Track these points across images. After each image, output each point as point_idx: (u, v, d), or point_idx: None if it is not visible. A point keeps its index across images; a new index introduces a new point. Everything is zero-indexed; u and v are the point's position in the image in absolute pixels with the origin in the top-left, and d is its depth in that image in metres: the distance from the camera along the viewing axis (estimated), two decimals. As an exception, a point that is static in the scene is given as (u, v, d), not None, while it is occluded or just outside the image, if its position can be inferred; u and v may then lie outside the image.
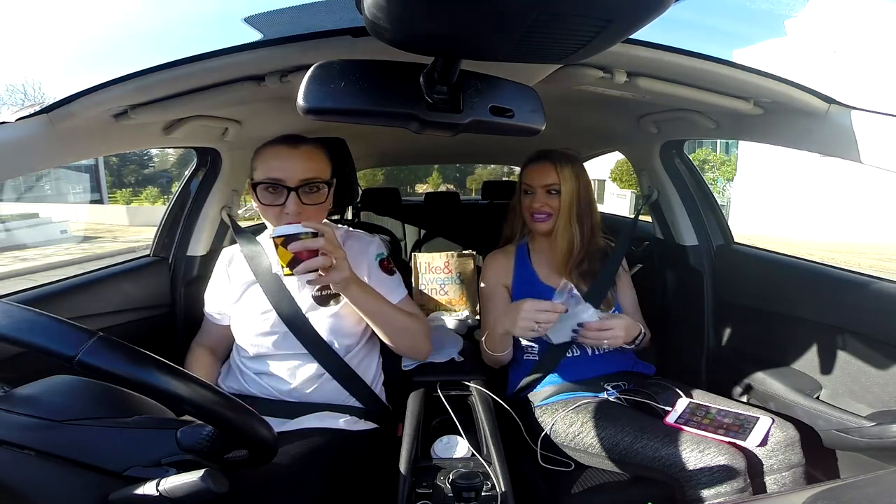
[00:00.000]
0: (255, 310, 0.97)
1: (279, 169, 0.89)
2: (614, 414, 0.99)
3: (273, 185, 0.89)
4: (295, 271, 0.81)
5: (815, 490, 0.44)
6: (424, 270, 1.75)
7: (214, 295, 1.06)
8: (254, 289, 0.99)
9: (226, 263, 1.06)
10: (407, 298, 1.04)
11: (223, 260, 1.07)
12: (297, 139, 0.93)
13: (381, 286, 0.98)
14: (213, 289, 1.07)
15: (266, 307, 0.96)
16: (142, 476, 0.48)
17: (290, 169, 0.89)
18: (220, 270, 1.06)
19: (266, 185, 0.89)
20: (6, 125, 0.72)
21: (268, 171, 0.89)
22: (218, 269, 1.07)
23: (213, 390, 0.50)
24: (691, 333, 1.38)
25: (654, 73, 0.81)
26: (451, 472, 0.79)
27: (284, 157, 0.90)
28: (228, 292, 1.03)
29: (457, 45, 0.45)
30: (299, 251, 0.80)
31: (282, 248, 0.80)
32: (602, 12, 0.38)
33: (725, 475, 0.82)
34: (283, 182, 0.88)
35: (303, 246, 0.79)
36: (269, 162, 0.90)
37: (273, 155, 0.91)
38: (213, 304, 1.06)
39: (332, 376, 0.96)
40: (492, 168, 13.10)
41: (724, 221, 1.42)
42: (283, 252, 0.80)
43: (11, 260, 9.79)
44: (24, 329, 0.44)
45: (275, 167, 0.89)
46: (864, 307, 0.99)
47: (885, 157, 0.76)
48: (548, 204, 1.14)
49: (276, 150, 0.91)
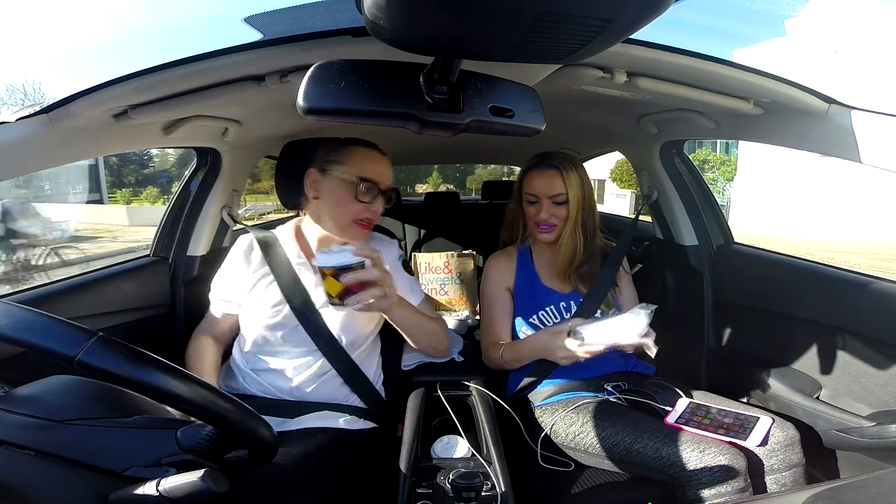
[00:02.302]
0: (266, 301, 0.97)
1: (375, 171, 0.93)
2: (614, 414, 0.99)
3: (369, 185, 0.92)
4: (346, 303, 0.76)
5: (815, 490, 0.44)
6: (424, 270, 1.75)
7: (227, 281, 1.03)
8: (267, 280, 0.99)
9: (245, 251, 1.03)
10: (426, 302, 1.07)
11: (241, 247, 1.04)
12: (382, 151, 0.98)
13: (403, 287, 1.00)
14: (227, 275, 1.04)
15: (278, 299, 0.96)
16: (142, 476, 0.48)
17: (383, 174, 0.95)
18: (238, 257, 1.03)
19: (364, 183, 0.92)
20: (6, 125, 0.72)
21: (363, 171, 0.92)
22: (235, 256, 1.04)
23: (212, 390, 0.50)
24: (691, 333, 1.38)
25: (654, 73, 0.81)
26: (451, 472, 0.79)
27: (379, 162, 0.95)
28: (243, 280, 1.01)
29: (457, 45, 0.45)
30: (352, 283, 0.75)
31: (331, 279, 0.75)
32: (602, 12, 0.38)
33: (726, 475, 0.82)
34: (379, 184, 0.94)
35: (356, 278, 0.76)
36: (364, 163, 0.93)
37: (369, 157, 0.95)
38: (224, 291, 1.03)
39: (336, 373, 0.97)
40: (492, 168, 13.08)
41: (724, 221, 1.42)
42: (333, 283, 0.75)
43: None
44: (24, 329, 0.44)
45: (370, 169, 0.93)
46: (864, 307, 0.99)
47: (885, 157, 0.76)
48: (555, 215, 1.12)
49: (370, 153, 0.95)
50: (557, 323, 1.14)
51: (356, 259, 0.75)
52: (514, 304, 1.19)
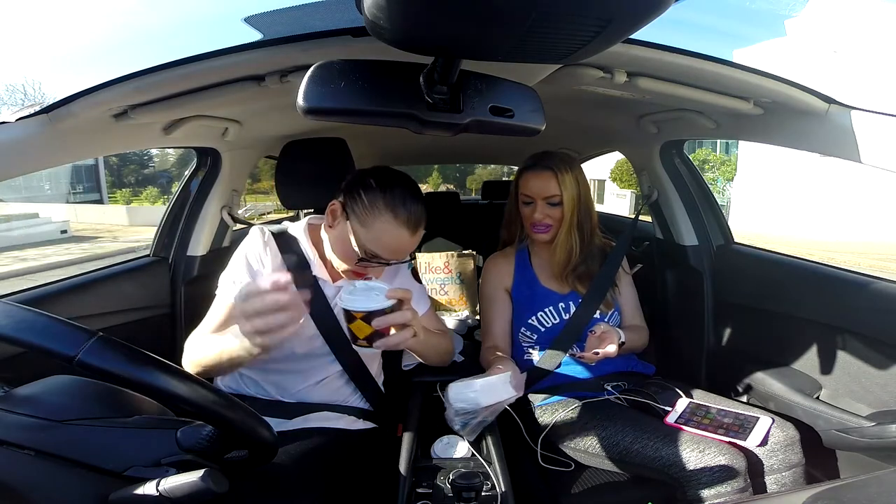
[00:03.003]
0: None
1: (390, 251, 0.82)
2: (614, 414, 0.99)
3: (375, 256, 0.82)
4: (375, 346, 0.71)
5: (815, 490, 0.44)
6: (424, 270, 1.75)
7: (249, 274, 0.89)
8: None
9: (261, 245, 0.91)
10: (431, 310, 1.04)
11: (257, 241, 0.92)
12: (419, 221, 0.83)
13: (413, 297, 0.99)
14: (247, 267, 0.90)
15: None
16: (142, 476, 0.48)
17: (396, 253, 0.83)
18: (255, 251, 0.91)
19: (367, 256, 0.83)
20: (6, 125, 0.72)
21: (377, 247, 0.81)
22: (252, 250, 0.91)
23: (213, 390, 0.50)
24: (691, 333, 1.38)
25: (654, 73, 0.81)
26: (451, 472, 0.79)
27: (400, 240, 0.82)
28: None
29: (457, 45, 0.45)
30: (384, 328, 0.71)
31: (361, 322, 0.69)
32: (602, 12, 0.38)
33: (725, 475, 0.82)
34: (388, 260, 0.84)
35: (388, 322, 0.71)
36: (384, 240, 0.81)
37: (393, 235, 0.81)
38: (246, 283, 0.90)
39: (342, 373, 0.96)
40: (492, 168, 13.08)
41: (724, 221, 1.42)
42: (362, 326, 0.70)
43: (11, 260, 9.80)
44: (24, 329, 0.44)
45: (387, 247, 0.82)
46: (864, 307, 0.99)
47: (885, 157, 0.76)
48: (549, 216, 1.12)
49: (398, 229, 0.81)
50: (557, 324, 1.14)
51: (388, 303, 0.70)
52: (513, 305, 1.19)
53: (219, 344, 0.74)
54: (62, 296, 1.04)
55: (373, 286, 0.72)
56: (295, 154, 1.10)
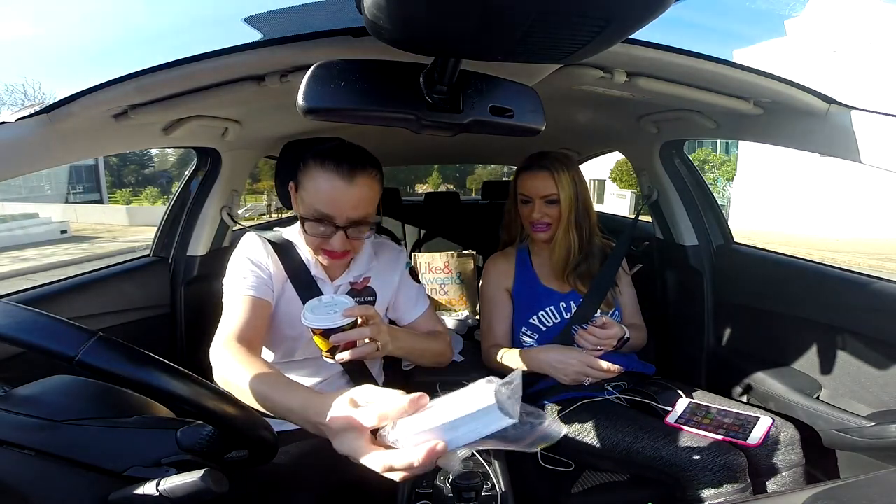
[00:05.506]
0: (291, 310, 0.90)
1: (330, 204, 0.80)
2: (614, 414, 0.99)
3: (320, 219, 0.81)
4: (336, 359, 0.76)
5: (815, 490, 0.44)
6: (425, 270, 1.75)
7: (256, 272, 0.87)
8: (287, 287, 0.91)
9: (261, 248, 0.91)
10: (429, 310, 1.03)
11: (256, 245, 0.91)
12: (353, 169, 0.80)
13: (409, 297, 0.99)
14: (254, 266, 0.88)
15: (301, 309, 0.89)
16: (142, 476, 0.48)
17: (341, 206, 0.80)
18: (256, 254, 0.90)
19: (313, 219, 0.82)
20: (6, 125, 0.72)
21: (316, 202, 0.80)
22: (253, 252, 0.90)
23: (213, 390, 0.50)
24: (691, 333, 1.38)
25: (654, 73, 0.81)
26: (451, 472, 0.79)
27: (338, 192, 0.79)
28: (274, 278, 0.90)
29: (457, 45, 0.45)
30: (341, 342, 0.73)
31: (320, 338, 0.74)
32: (602, 12, 0.38)
33: (726, 475, 0.83)
34: (333, 220, 0.81)
35: (346, 338, 0.73)
36: (320, 192, 0.80)
37: (326, 184, 0.79)
38: (256, 281, 0.86)
39: (349, 376, 0.96)
40: (492, 168, 13.10)
41: (724, 221, 1.43)
42: (322, 341, 0.74)
43: (11, 260, 9.80)
44: (24, 329, 0.44)
45: (325, 200, 0.80)
46: (864, 307, 0.99)
47: (885, 157, 0.76)
48: (547, 214, 1.13)
49: (329, 178, 0.79)
50: (558, 323, 1.14)
51: (345, 321, 0.72)
52: (514, 305, 1.19)
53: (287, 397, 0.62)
54: (62, 296, 1.04)
55: (337, 301, 0.75)
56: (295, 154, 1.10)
